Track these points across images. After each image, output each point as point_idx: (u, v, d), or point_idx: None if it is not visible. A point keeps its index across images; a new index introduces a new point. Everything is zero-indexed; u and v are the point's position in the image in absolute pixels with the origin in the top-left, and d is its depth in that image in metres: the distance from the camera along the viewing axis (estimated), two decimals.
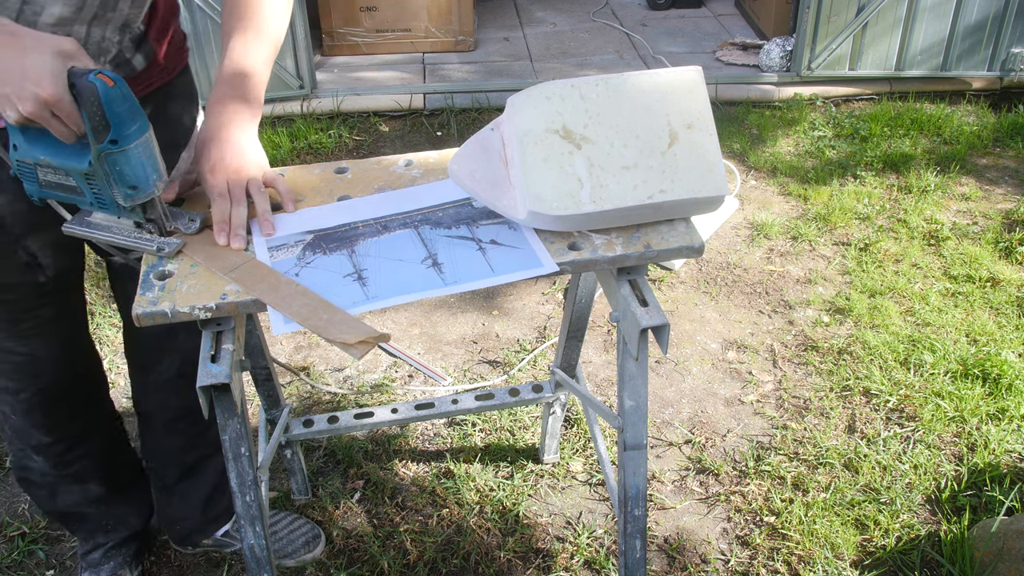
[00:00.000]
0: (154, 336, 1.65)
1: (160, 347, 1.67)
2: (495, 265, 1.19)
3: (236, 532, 1.91)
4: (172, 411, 1.74)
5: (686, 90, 1.24)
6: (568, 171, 1.20)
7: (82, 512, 1.78)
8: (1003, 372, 2.33)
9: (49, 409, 1.57)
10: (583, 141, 1.21)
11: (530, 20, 4.89)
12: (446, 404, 1.90)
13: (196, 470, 1.83)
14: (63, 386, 1.57)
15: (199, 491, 1.85)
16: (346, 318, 1.11)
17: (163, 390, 1.71)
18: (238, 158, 1.25)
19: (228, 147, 1.25)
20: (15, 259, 1.36)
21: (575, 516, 2.02)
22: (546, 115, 1.21)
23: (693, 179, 1.22)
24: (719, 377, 2.43)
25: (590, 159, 1.21)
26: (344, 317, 1.11)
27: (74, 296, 1.53)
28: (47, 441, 1.62)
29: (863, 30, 3.82)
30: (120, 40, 1.29)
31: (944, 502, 2.04)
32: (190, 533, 1.90)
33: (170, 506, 1.86)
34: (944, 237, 2.98)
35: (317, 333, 1.09)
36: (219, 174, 1.24)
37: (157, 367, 1.69)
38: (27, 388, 1.52)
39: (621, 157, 1.21)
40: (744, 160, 3.52)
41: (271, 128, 3.65)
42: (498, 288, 2.78)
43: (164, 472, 1.82)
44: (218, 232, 1.22)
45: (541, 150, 1.20)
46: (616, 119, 1.22)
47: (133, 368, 1.75)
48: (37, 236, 1.36)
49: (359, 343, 1.08)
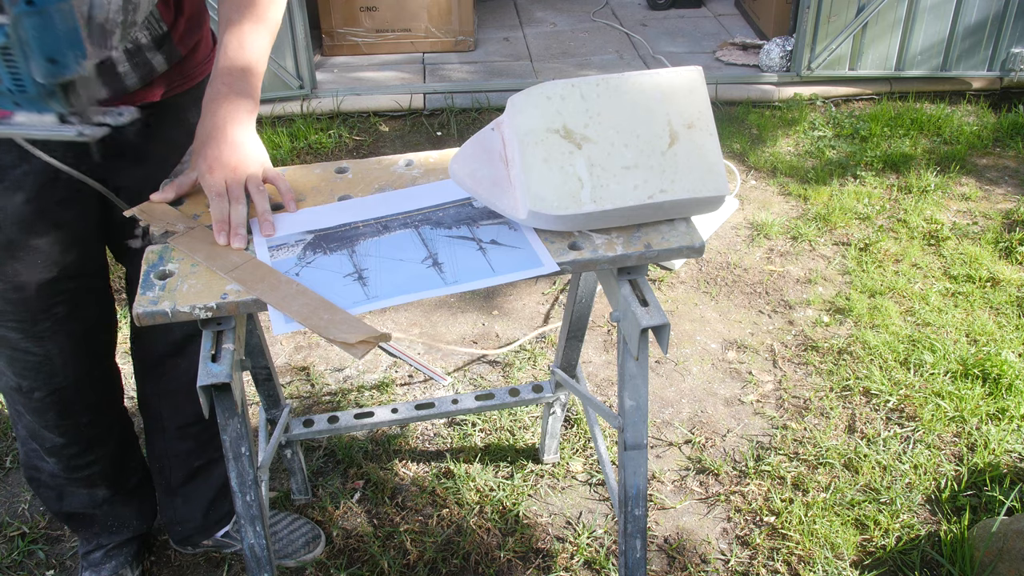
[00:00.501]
0: (168, 340, 1.65)
1: (176, 351, 1.66)
2: (495, 265, 1.19)
3: (236, 533, 1.91)
4: (185, 416, 1.74)
5: (687, 90, 1.24)
6: (569, 171, 1.20)
7: (88, 514, 1.78)
8: (1003, 372, 2.33)
9: (64, 410, 1.57)
10: (584, 141, 1.21)
11: (530, 20, 4.89)
12: (446, 404, 1.90)
13: (202, 473, 1.83)
14: (78, 388, 1.56)
15: (204, 494, 1.85)
16: (347, 318, 1.11)
17: (177, 394, 1.71)
18: (236, 156, 1.25)
19: (226, 145, 1.24)
20: (28, 258, 1.36)
21: (575, 516, 2.02)
22: (547, 115, 1.21)
23: (694, 179, 1.22)
24: (719, 377, 2.43)
25: (591, 159, 1.21)
26: (345, 317, 1.11)
27: (91, 297, 1.51)
28: (60, 443, 1.61)
29: (863, 30, 3.82)
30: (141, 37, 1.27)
31: (944, 502, 2.04)
32: (192, 534, 1.90)
33: (173, 508, 1.86)
34: (944, 237, 2.98)
35: (318, 333, 1.09)
36: (217, 173, 1.23)
37: (173, 371, 1.68)
38: (42, 388, 1.52)
39: (622, 157, 1.21)
40: (744, 160, 3.52)
41: (271, 128, 3.65)
42: (498, 288, 2.78)
43: (170, 474, 1.81)
44: (217, 232, 1.22)
45: (542, 150, 1.20)
46: (617, 119, 1.22)
47: (144, 371, 1.74)
48: (48, 234, 1.35)
49: (360, 343, 1.08)
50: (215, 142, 1.24)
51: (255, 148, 1.29)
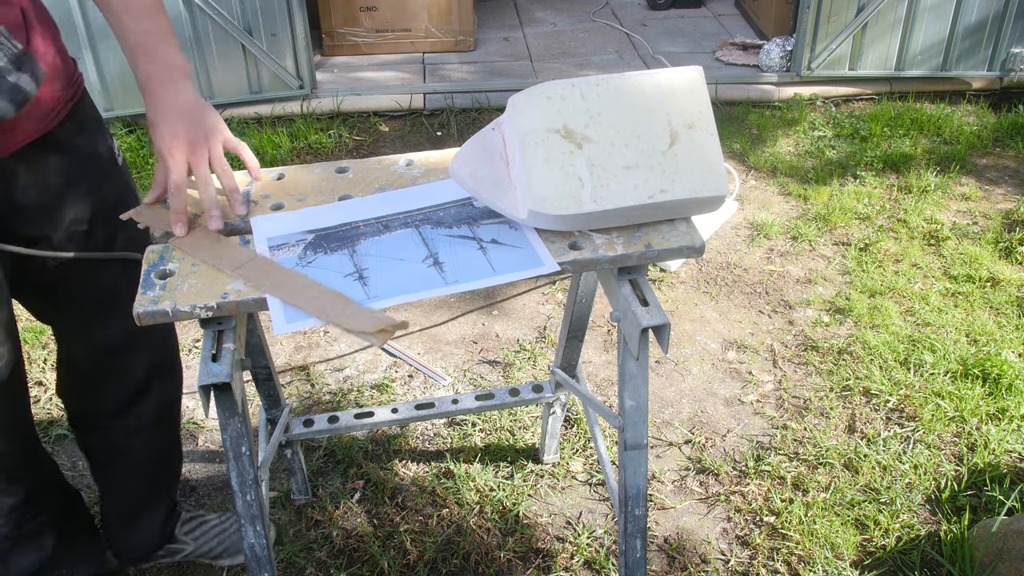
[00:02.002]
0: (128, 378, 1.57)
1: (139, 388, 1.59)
2: (496, 265, 1.19)
3: (184, 536, 1.86)
4: (155, 451, 1.69)
5: (687, 90, 1.24)
6: (569, 171, 1.20)
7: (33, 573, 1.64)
8: (1003, 372, 2.33)
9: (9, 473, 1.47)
10: (584, 141, 1.21)
11: (530, 20, 4.89)
12: (446, 404, 1.90)
13: (159, 496, 1.79)
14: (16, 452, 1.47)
15: (159, 513, 1.80)
16: (361, 308, 1.11)
17: (142, 433, 1.64)
18: (191, 131, 1.23)
19: (178, 122, 1.22)
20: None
21: (575, 516, 2.02)
22: (547, 115, 1.21)
23: (694, 179, 1.22)
24: (719, 377, 2.43)
25: (591, 159, 1.21)
26: (359, 308, 1.11)
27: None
28: (9, 504, 1.50)
29: (863, 30, 3.82)
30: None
31: (944, 502, 2.04)
32: (147, 553, 1.84)
33: (130, 534, 1.79)
34: (944, 237, 2.98)
35: (335, 324, 1.09)
36: (177, 154, 1.21)
37: (135, 409, 1.60)
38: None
39: (622, 157, 1.21)
40: (744, 160, 3.52)
41: (271, 128, 3.65)
42: (498, 288, 2.78)
43: (126, 506, 1.75)
44: (174, 223, 1.21)
45: (542, 150, 1.20)
46: (617, 119, 1.22)
47: (97, 414, 1.61)
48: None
49: (379, 331, 1.08)
50: (166, 122, 1.22)
51: (207, 118, 1.26)
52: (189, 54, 3.56)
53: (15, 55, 1.17)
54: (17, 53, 1.17)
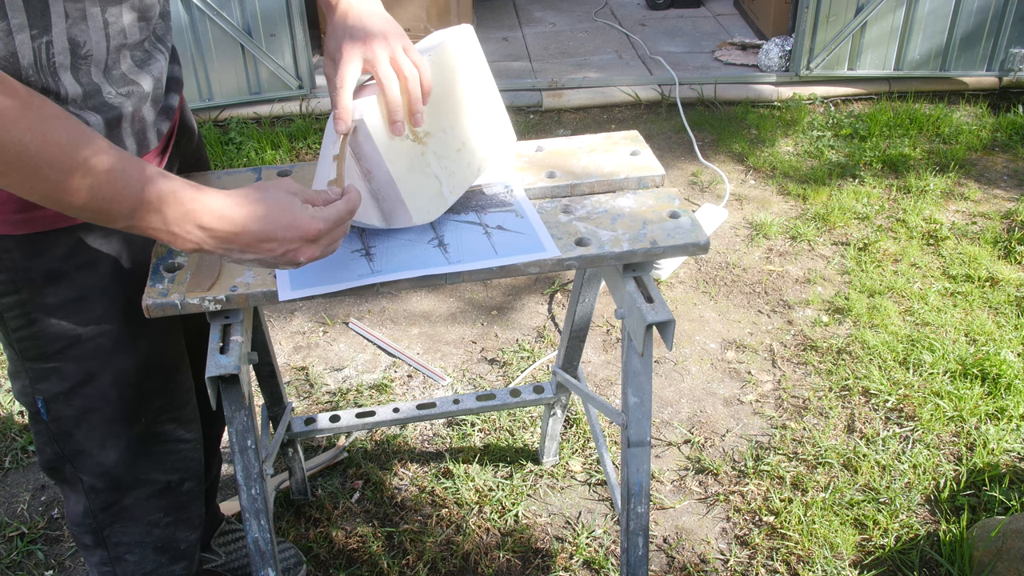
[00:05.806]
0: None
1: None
2: (499, 248, 1.20)
3: (218, 548, 1.85)
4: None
5: (465, 51, 1.25)
6: (428, 172, 1.21)
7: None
8: (1002, 372, 2.34)
9: (199, 495, 1.43)
10: (425, 136, 1.21)
11: (529, 20, 4.89)
12: (448, 404, 1.90)
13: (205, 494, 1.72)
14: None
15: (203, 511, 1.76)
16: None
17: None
18: (386, 25, 1.15)
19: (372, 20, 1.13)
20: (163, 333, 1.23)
21: (574, 516, 2.02)
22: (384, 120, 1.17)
23: (497, 135, 1.30)
24: (718, 377, 2.43)
25: (436, 152, 1.22)
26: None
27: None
28: (193, 539, 1.45)
29: (862, 30, 3.82)
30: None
31: (943, 502, 2.04)
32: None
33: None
34: (943, 237, 2.99)
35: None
36: (376, 44, 1.11)
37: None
38: (192, 476, 1.38)
39: (453, 140, 1.24)
40: (743, 160, 3.52)
41: (270, 128, 3.65)
42: (498, 288, 2.78)
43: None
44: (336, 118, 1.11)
45: (403, 160, 1.18)
46: (432, 105, 1.20)
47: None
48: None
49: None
50: (359, 23, 1.13)
51: (392, 24, 1.16)
52: (188, 55, 3.56)
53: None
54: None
